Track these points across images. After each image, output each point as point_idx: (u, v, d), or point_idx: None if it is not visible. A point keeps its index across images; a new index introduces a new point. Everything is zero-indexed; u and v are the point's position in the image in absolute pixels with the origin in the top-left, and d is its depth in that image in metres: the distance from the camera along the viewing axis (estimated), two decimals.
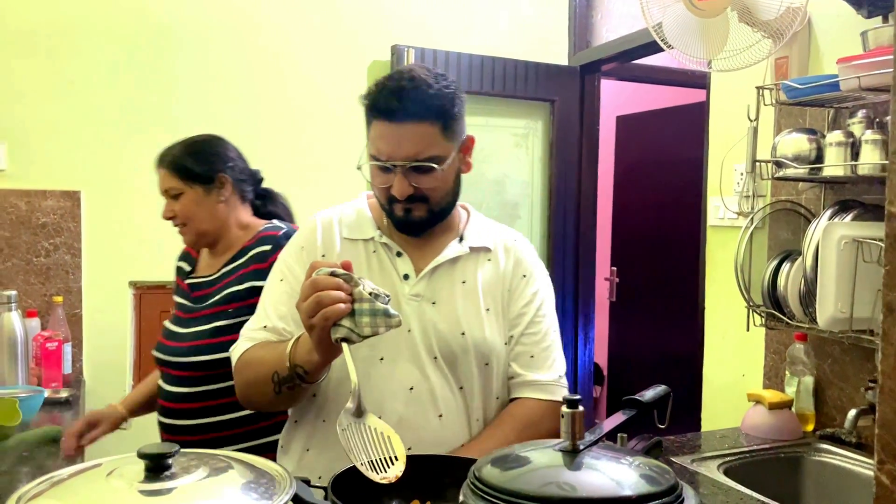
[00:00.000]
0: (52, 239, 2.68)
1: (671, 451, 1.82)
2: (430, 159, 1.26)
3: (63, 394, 2.30)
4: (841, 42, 1.97)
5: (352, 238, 1.39)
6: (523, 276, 1.43)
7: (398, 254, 1.36)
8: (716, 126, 2.49)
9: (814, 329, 1.84)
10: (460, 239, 1.41)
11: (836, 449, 1.84)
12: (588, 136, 3.55)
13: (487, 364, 1.36)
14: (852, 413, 1.81)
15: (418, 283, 1.34)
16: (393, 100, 1.24)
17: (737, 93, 2.29)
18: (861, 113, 1.82)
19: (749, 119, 2.04)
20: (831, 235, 1.72)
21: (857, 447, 1.82)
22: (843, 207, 1.85)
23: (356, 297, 1.07)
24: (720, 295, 2.43)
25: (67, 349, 2.48)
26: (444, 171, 1.30)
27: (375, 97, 1.27)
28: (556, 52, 3.51)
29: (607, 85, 3.94)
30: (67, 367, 2.48)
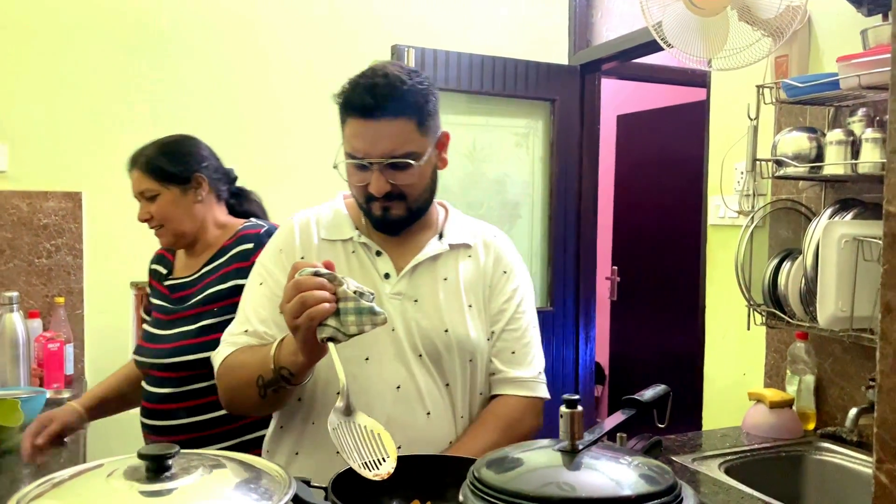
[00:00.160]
0: (54, 240, 2.69)
1: (672, 450, 1.82)
2: (407, 155, 1.26)
3: (65, 394, 2.31)
4: (841, 40, 1.97)
5: (330, 239, 1.38)
6: (504, 273, 1.43)
7: (378, 253, 1.36)
8: (716, 125, 2.49)
9: (814, 328, 1.84)
10: (440, 236, 1.40)
11: (837, 448, 1.85)
12: (588, 136, 3.55)
13: (471, 360, 1.36)
14: (853, 412, 1.81)
15: (399, 282, 1.34)
16: (367, 97, 1.23)
17: (737, 91, 2.29)
18: (861, 111, 1.82)
19: (749, 118, 2.04)
20: (832, 234, 1.72)
21: (858, 446, 1.82)
22: (844, 206, 1.85)
23: (340, 296, 1.06)
24: (721, 294, 2.43)
25: (69, 350, 2.49)
26: (421, 168, 1.29)
27: (349, 95, 1.26)
28: (557, 52, 3.51)
29: (608, 84, 3.94)
30: (69, 368, 2.49)
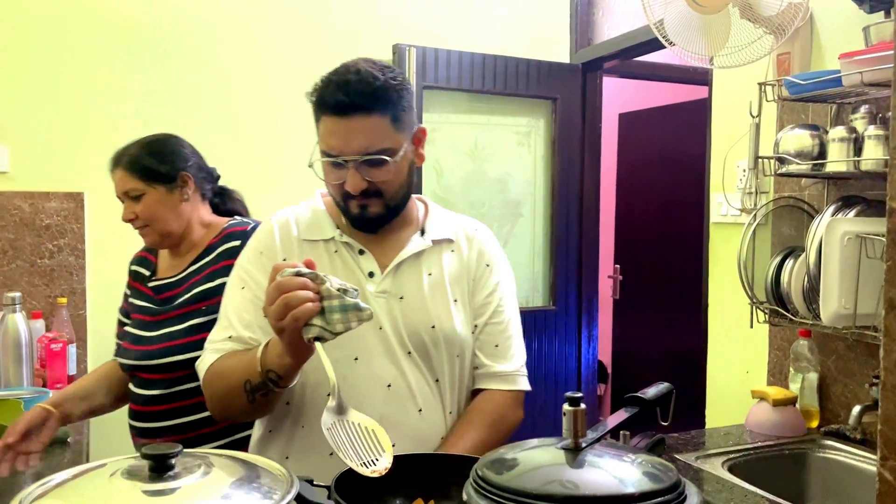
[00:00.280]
0: (56, 240, 2.69)
1: (675, 448, 1.82)
2: (382, 152, 1.25)
3: None
4: (843, 37, 1.97)
5: (311, 239, 1.36)
6: (486, 266, 1.43)
7: (360, 252, 1.35)
8: (718, 123, 2.48)
9: (817, 325, 1.84)
10: (422, 232, 1.40)
11: (840, 445, 1.84)
12: (590, 134, 3.55)
13: (459, 356, 1.36)
14: (857, 409, 1.81)
15: (384, 280, 1.33)
16: (340, 94, 1.23)
17: (739, 89, 2.28)
18: (864, 108, 1.81)
19: (751, 115, 2.04)
20: (834, 231, 1.72)
21: (861, 443, 1.82)
22: (847, 203, 1.85)
23: (324, 294, 1.05)
24: (723, 292, 2.42)
25: (72, 350, 2.48)
26: (397, 164, 1.28)
27: (322, 93, 1.26)
28: (558, 50, 3.51)
29: (609, 82, 3.94)
30: (72, 368, 2.49)
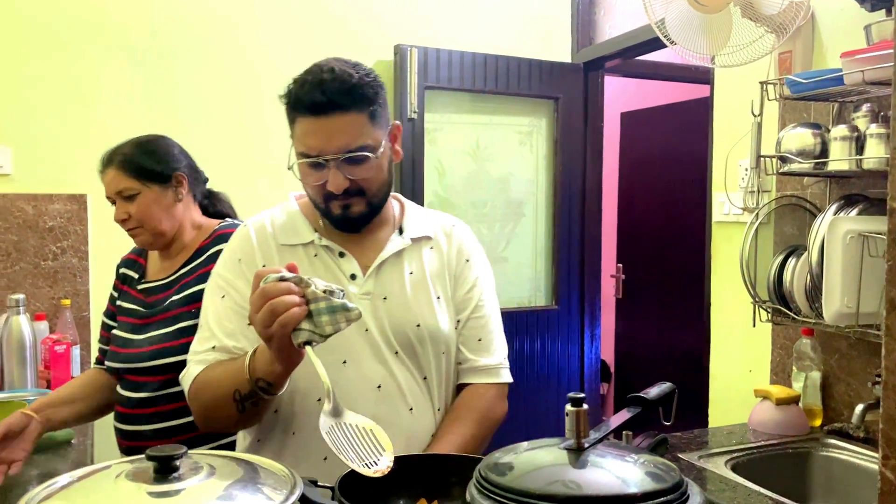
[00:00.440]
0: (60, 242, 2.70)
1: (678, 447, 1.82)
2: (362, 148, 1.24)
3: None
4: (845, 36, 1.97)
5: (290, 244, 1.35)
6: (466, 261, 1.43)
7: (341, 254, 1.34)
8: (720, 122, 2.48)
9: (820, 324, 1.84)
10: (400, 231, 1.39)
11: (843, 444, 1.84)
12: (592, 133, 3.55)
13: (445, 352, 1.37)
14: (860, 408, 1.81)
15: (367, 282, 1.33)
16: (316, 93, 1.21)
17: (741, 88, 2.28)
18: (865, 107, 1.81)
19: (753, 114, 2.04)
20: (837, 230, 1.72)
21: (864, 442, 1.82)
22: (849, 202, 1.85)
23: (310, 297, 1.04)
24: (726, 291, 2.42)
25: (76, 352, 2.49)
26: (378, 160, 1.27)
27: (298, 93, 1.24)
28: (560, 50, 3.51)
29: (611, 81, 3.94)
30: (76, 370, 2.49)
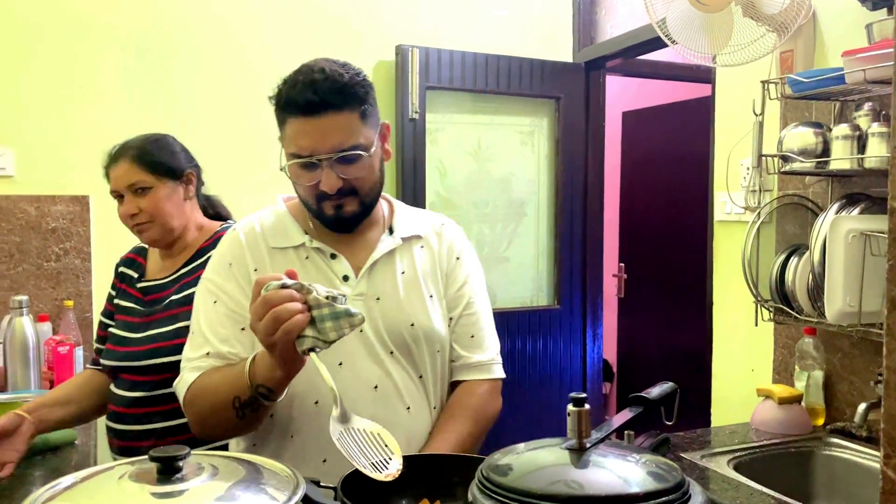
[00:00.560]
0: (62, 243, 2.70)
1: (681, 447, 1.82)
2: (355, 147, 1.24)
3: None
4: (846, 35, 1.97)
5: (280, 247, 1.34)
6: (457, 259, 1.44)
7: (332, 256, 1.33)
8: (721, 121, 2.48)
9: (822, 323, 1.84)
10: (390, 231, 1.39)
11: (846, 443, 1.84)
12: (594, 133, 3.55)
13: (439, 350, 1.37)
14: (862, 407, 1.81)
15: (360, 283, 1.33)
16: (308, 93, 1.21)
17: (742, 87, 2.28)
18: (867, 105, 1.81)
19: (754, 114, 2.04)
20: (839, 229, 1.72)
21: (867, 441, 1.81)
22: (851, 201, 1.85)
23: (312, 304, 1.04)
24: (728, 290, 2.42)
25: (79, 353, 2.49)
26: (370, 159, 1.28)
27: (290, 94, 1.23)
28: (561, 50, 3.51)
29: (613, 80, 3.93)
30: (79, 371, 2.50)
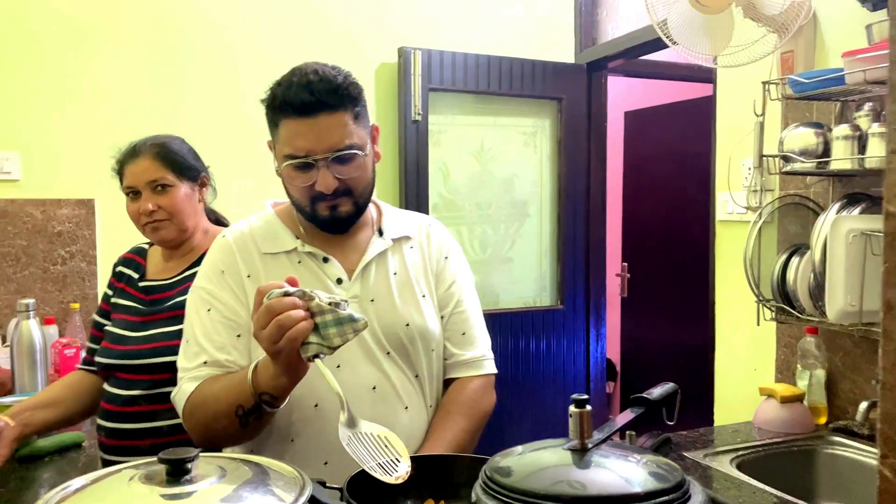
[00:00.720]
0: (68, 247, 2.72)
1: (684, 446, 1.83)
2: (351, 147, 1.26)
3: None
4: (847, 35, 1.98)
5: (272, 252, 1.35)
6: (446, 258, 1.46)
7: (325, 259, 1.34)
8: (723, 121, 2.49)
9: (824, 322, 1.85)
10: (380, 233, 1.41)
11: (848, 441, 1.85)
12: (596, 133, 3.56)
13: (434, 349, 1.39)
14: (864, 405, 1.82)
15: (353, 285, 1.34)
16: (305, 94, 1.22)
17: (743, 87, 2.29)
18: (867, 106, 1.82)
19: (755, 114, 2.05)
20: (839, 229, 1.73)
21: (869, 439, 1.82)
22: (852, 201, 1.86)
23: (315, 310, 1.05)
24: (730, 290, 2.43)
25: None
26: (365, 159, 1.30)
27: (286, 95, 1.24)
28: (563, 51, 3.52)
29: (615, 80, 3.94)
30: None
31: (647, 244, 4.67)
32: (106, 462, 1.67)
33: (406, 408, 1.33)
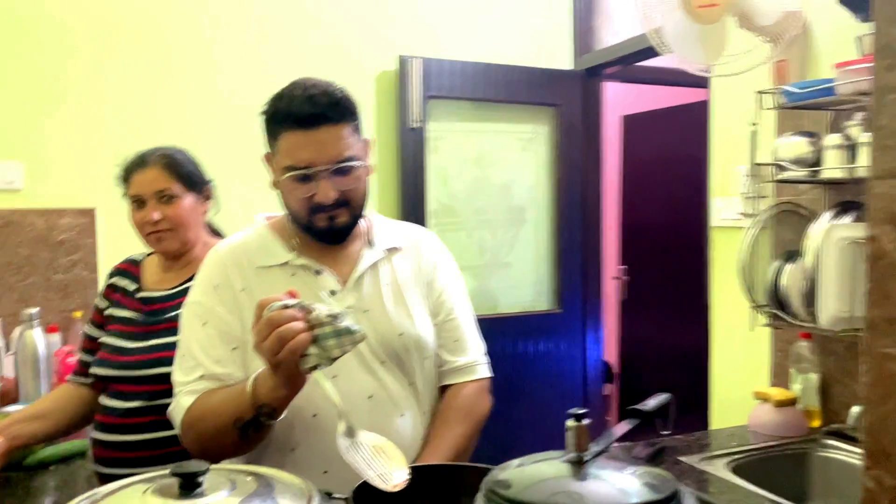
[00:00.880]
0: (70, 255, 2.75)
1: (680, 450, 1.86)
2: (351, 159, 1.29)
3: None
4: (839, 45, 2.01)
5: (266, 266, 1.36)
6: (436, 267, 1.48)
7: (317, 272, 1.36)
8: (718, 128, 2.52)
9: (817, 328, 1.87)
10: (371, 244, 1.43)
11: (841, 444, 1.88)
12: (592, 139, 3.59)
13: (427, 357, 1.41)
14: (856, 409, 1.85)
15: (347, 296, 1.36)
16: (308, 107, 1.25)
17: (738, 95, 2.32)
18: (859, 115, 1.85)
19: (749, 123, 2.07)
20: (831, 237, 1.76)
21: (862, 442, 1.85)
22: (843, 208, 1.89)
23: (314, 322, 1.07)
24: (726, 294, 2.46)
25: None
26: (362, 172, 1.33)
27: (288, 107, 1.27)
28: (560, 58, 3.55)
29: (612, 84, 3.97)
30: None
31: (646, 245, 4.69)
32: (102, 475, 1.66)
33: (402, 415, 1.36)
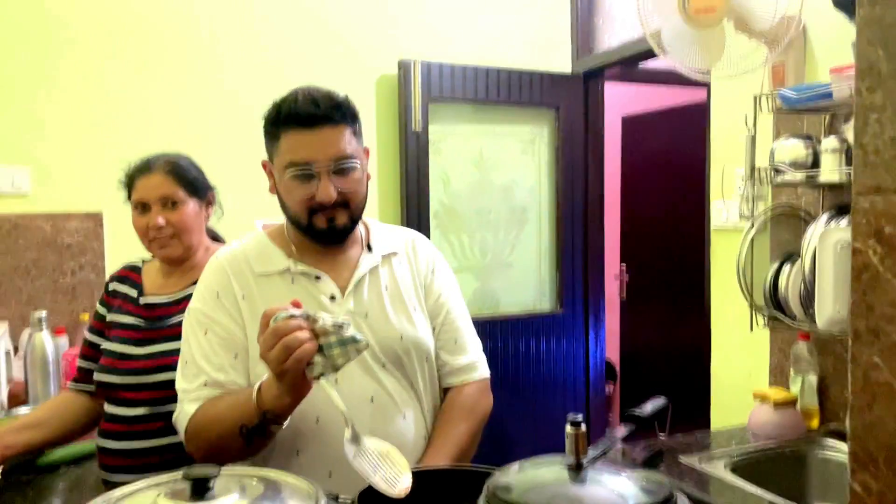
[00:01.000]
0: (77, 259, 2.78)
1: (680, 450, 1.87)
2: (351, 157, 1.32)
3: None
4: (835, 48, 2.03)
5: (266, 273, 1.38)
6: (433, 270, 1.51)
7: (317, 278, 1.38)
8: (716, 131, 2.54)
9: (814, 329, 1.89)
10: (369, 249, 1.45)
11: (840, 444, 1.90)
12: (593, 140, 3.61)
13: (427, 359, 1.44)
14: None
15: (347, 301, 1.38)
16: (311, 107, 1.29)
17: (736, 98, 2.34)
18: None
19: (747, 127, 2.09)
20: (828, 240, 1.78)
21: None
22: (840, 211, 1.91)
23: (319, 332, 1.10)
24: (726, 295, 2.48)
25: None
26: (362, 172, 1.36)
27: (291, 107, 1.30)
28: (560, 60, 3.57)
29: (612, 85, 3.98)
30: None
31: (646, 244, 4.71)
32: (108, 482, 1.66)
33: (403, 416, 1.38)
